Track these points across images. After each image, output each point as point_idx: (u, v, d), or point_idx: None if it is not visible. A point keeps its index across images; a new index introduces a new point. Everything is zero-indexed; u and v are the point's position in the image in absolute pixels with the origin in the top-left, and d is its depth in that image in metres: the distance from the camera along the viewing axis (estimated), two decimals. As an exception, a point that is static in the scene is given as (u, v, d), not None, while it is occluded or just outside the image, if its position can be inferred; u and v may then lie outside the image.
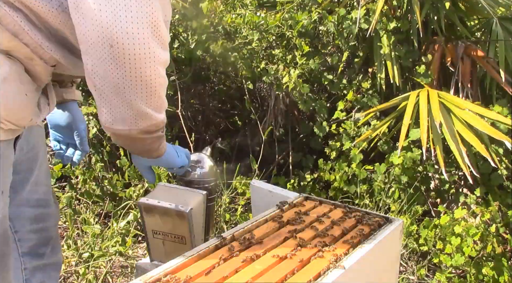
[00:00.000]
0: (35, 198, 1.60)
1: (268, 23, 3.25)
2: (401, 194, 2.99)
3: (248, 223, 1.50)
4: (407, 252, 2.79)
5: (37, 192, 1.60)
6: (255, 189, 1.85)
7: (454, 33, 3.43)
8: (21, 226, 1.60)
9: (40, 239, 1.65)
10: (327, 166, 3.16)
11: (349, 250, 1.37)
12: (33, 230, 1.62)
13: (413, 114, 2.92)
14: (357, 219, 1.57)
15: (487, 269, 2.53)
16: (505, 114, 2.88)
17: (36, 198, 1.60)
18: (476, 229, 2.58)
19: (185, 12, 3.26)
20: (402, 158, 2.96)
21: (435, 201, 3.18)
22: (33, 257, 1.64)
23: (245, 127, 3.85)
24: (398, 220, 1.57)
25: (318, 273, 1.24)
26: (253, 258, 1.29)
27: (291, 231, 1.46)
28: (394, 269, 1.65)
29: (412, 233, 2.78)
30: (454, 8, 3.26)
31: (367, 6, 3.26)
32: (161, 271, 1.21)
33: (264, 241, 1.38)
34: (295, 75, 3.13)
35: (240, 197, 3.06)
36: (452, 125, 2.83)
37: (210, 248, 1.33)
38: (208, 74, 3.74)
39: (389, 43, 3.19)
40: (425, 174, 3.09)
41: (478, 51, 3.22)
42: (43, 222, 1.64)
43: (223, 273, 1.21)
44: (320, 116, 3.34)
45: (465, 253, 2.53)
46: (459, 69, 3.15)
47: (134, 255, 2.75)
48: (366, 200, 3.02)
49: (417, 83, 3.23)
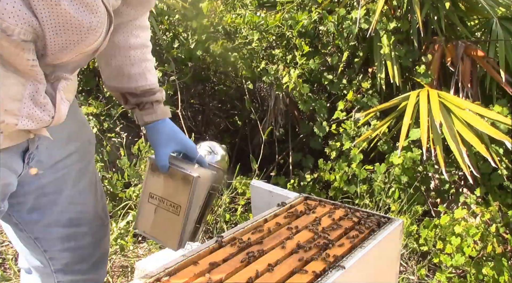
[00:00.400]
0: (67, 217, 1.52)
1: (268, 23, 3.25)
2: (401, 194, 2.99)
3: (248, 223, 1.50)
4: (407, 252, 2.79)
5: (69, 211, 1.52)
6: (255, 189, 1.85)
7: (454, 33, 3.43)
8: (51, 246, 1.53)
9: (74, 258, 1.57)
10: (327, 166, 3.16)
11: (349, 250, 1.37)
12: (65, 249, 1.55)
13: (413, 114, 2.92)
14: (357, 219, 1.57)
15: (487, 269, 2.53)
16: (505, 114, 2.88)
17: (68, 217, 1.52)
18: (476, 229, 2.58)
19: (185, 12, 3.26)
20: (402, 158, 2.96)
21: (435, 201, 3.18)
22: (67, 273, 1.58)
23: (245, 127, 3.85)
24: (398, 220, 1.57)
25: (318, 273, 1.24)
26: (253, 259, 1.29)
27: (291, 231, 1.46)
28: (394, 269, 1.65)
29: (412, 233, 2.78)
30: (454, 8, 3.26)
31: (367, 6, 3.26)
32: (161, 271, 1.21)
33: (264, 241, 1.38)
34: (295, 75, 3.13)
35: (240, 197, 3.06)
36: (452, 125, 2.83)
37: (210, 248, 1.34)
38: (208, 74, 3.74)
39: (389, 43, 3.19)
40: (425, 174, 3.09)
41: (478, 51, 3.22)
42: (76, 241, 1.56)
43: (223, 273, 1.21)
44: (320, 116, 3.34)
45: (465, 253, 2.52)
46: (459, 69, 3.15)
47: (134, 255, 2.75)
48: (366, 200, 3.02)
49: (417, 83, 3.23)
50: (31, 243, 1.51)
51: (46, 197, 1.44)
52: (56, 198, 1.46)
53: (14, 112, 1.04)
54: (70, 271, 1.58)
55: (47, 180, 1.41)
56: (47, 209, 1.46)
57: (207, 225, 3.03)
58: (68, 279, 1.59)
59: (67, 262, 1.56)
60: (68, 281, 1.59)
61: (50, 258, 1.54)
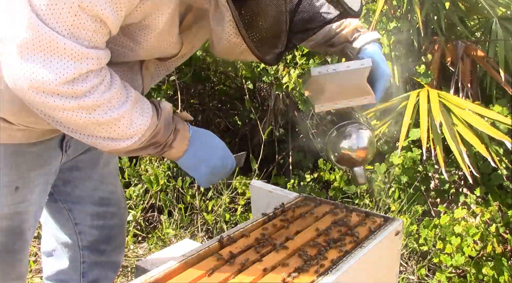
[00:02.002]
0: (99, 196, 1.63)
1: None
2: (401, 194, 2.99)
3: (248, 223, 1.50)
4: (407, 252, 2.79)
5: (101, 190, 1.63)
6: (255, 189, 1.85)
7: (454, 33, 3.43)
8: (81, 220, 1.63)
9: (101, 236, 1.67)
10: (327, 166, 3.16)
11: (349, 250, 1.37)
12: (94, 226, 1.65)
13: (413, 114, 2.91)
14: (357, 219, 1.57)
15: (487, 269, 2.53)
16: (505, 114, 2.88)
17: (100, 195, 1.63)
18: (476, 229, 2.58)
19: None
20: (402, 158, 2.96)
21: (435, 201, 3.18)
22: (93, 252, 1.67)
23: (245, 127, 3.85)
24: (398, 220, 1.57)
25: (319, 273, 1.24)
26: (255, 259, 1.29)
27: (292, 231, 1.45)
28: (394, 269, 1.65)
29: (412, 233, 2.78)
30: (454, 8, 3.26)
31: (367, 6, 3.26)
32: (161, 271, 1.21)
33: (266, 242, 1.38)
34: (295, 75, 3.13)
35: (240, 197, 3.07)
36: (452, 125, 2.83)
37: (210, 249, 1.33)
38: (208, 74, 3.73)
39: (389, 43, 3.19)
40: (425, 174, 3.08)
41: (478, 51, 3.21)
42: (105, 220, 1.66)
43: (224, 274, 1.21)
44: (320, 116, 3.33)
45: (465, 253, 2.52)
46: (459, 69, 3.15)
47: (134, 255, 2.75)
48: (366, 200, 3.02)
49: (417, 83, 3.23)
50: (64, 214, 1.62)
51: (79, 171, 1.57)
52: (89, 173, 1.59)
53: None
54: (96, 250, 1.67)
55: (82, 156, 1.54)
56: (80, 183, 1.58)
57: (207, 225, 3.03)
58: (93, 259, 1.68)
59: (94, 239, 1.66)
60: (93, 262, 1.68)
61: (79, 232, 1.64)
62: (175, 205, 3.01)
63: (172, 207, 3.02)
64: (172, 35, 1.23)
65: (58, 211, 1.62)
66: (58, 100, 1.06)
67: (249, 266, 1.26)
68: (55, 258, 1.71)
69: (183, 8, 1.23)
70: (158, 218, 3.11)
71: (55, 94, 1.05)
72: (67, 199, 1.60)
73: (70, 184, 1.58)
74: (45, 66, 1.02)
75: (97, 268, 1.70)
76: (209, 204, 3.01)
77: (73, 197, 1.59)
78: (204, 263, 1.26)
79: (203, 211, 3.01)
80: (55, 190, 1.56)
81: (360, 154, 1.45)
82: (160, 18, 1.14)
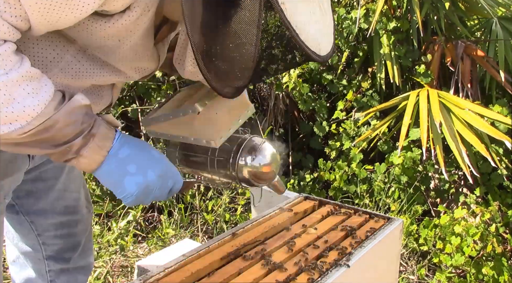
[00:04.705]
0: (63, 205, 1.56)
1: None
2: (401, 193, 2.99)
3: (248, 223, 1.50)
4: (407, 252, 2.79)
5: (65, 199, 1.56)
6: (255, 189, 1.85)
7: (454, 33, 3.43)
8: (44, 230, 1.56)
9: (67, 244, 1.61)
10: (327, 165, 3.16)
11: (349, 250, 1.37)
12: (58, 236, 1.58)
13: (413, 114, 2.92)
14: (357, 219, 1.57)
15: (487, 268, 2.53)
16: (505, 114, 2.88)
17: (64, 204, 1.56)
18: (476, 229, 2.58)
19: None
20: (402, 157, 2.96)
21: (435, 200, 3.18)
22: (58, 261, 1.61)
23: (245, 127, 3.84)
24: (398, 219, 1.57)
25: (319, 273, 1.24)
26: (255, 259, 1.29)
27: (293, 232, 1.45)
28: (394, 269, 1.65)
29: (412, 232, 2.78)
30: (454, 8, 3.26)
31: (367, 6, 3.26)
32: (161, 271, 1.21)
33: (267, 242, 1.38)
34: (295, 75, 3.13)
35: (240, 197, 3.06)
36: (452, 125, 2.83)
37: (210, 249, 1.33)
38: (208, 74, 3.73)
39: (389, 43, 3.19)
40: (425, 174, 3.09)
41: (478, 51, 3.22)
42: (70, 228, 1.60)
43: (225, 274, 1.21)
44: (320, 116, 3.33)
45: (465, 253, 2.52)
46: (459, 69, 3.15)
47: (134, 255, 2.75)
48: (366, 199, 3.02)
49: (417, 83, 3.23)
50: (26, 227, 1.55)
51: (44, 182, 1.49)
52: (53, 183, 1.52)
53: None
54: (61, 259, 1.62)
55: (46, 167, 1.46)
56: (44, 194, 1.51)
57: (207, 225, 3.03)
58: (58, 267, 1.62)
59: (59, 248, 1.60)
60: (58, 270, 1.63)
61: (43, 243, 1.58)
62: (175, 205, 3.01)
63: (172, 207, 3.02)
64: (148, 48, 1.18)
65: (19, 222, 1.54)
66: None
67: (249, 266, 1.26)
68: (20, 267, 1.66)
69: (158, 20, 1.17)
70: (158, 218, 3.11)
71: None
72: (29, 210, 1.52)
73: (34, 196, 1.49)
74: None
75: (64, 275, 1.64)
76: (209, 204, 3.01)
77: (36, 208, 1.51)
78: (204, 263, 1.26)
79: (203, 211, 3.01)
80: (17, 202, 1.49)
81: (267, 169, 1.44)
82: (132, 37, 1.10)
